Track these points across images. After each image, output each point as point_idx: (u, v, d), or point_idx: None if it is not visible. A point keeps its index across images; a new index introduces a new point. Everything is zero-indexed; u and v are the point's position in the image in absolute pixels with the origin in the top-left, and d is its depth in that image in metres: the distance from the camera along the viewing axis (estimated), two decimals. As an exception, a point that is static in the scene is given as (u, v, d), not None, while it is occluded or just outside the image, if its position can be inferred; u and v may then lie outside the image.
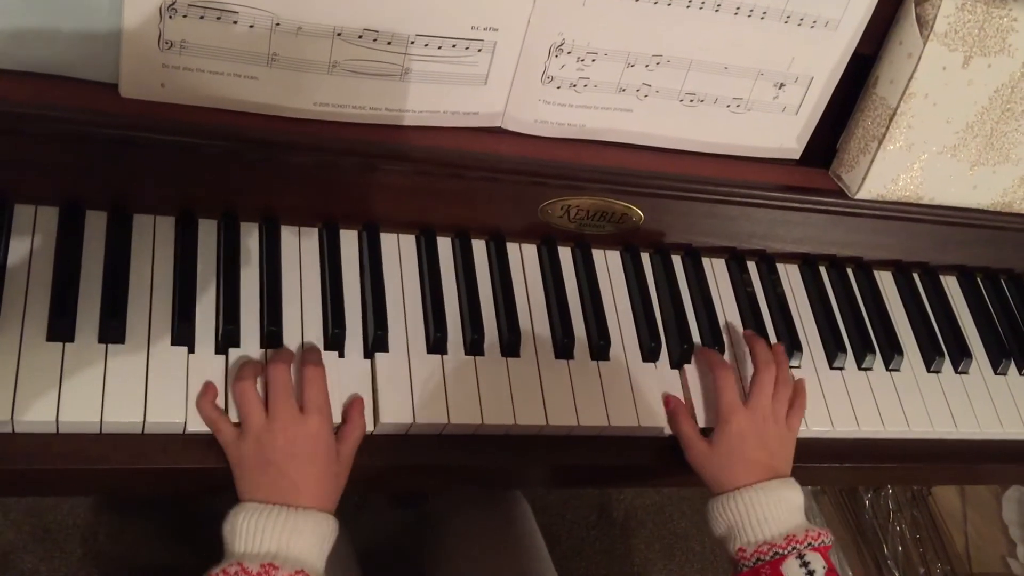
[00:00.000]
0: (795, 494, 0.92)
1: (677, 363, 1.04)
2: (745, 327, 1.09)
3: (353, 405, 0.88)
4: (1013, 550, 1.84)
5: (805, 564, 0.86)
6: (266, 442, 0.81)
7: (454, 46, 0.88)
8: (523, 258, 1.05)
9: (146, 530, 1.59)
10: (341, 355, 0.91)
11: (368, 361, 0.92)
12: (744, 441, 0.94)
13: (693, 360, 1.04)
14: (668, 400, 1.00)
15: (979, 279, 1.27)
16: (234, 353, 0.87)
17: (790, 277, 1.16)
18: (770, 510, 0.89)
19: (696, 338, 1.06)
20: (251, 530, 0.77)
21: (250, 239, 0.94)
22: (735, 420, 0.94)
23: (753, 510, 0.89)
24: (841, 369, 1.11)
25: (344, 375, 0.90)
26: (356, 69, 0.87)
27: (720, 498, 0.92)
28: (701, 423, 0.99)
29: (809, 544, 0.87)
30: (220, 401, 0.85)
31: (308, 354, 0.88)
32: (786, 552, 0.86)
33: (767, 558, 0.87)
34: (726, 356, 1.06)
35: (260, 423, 0.82)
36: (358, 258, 0.97)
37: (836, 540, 1.98)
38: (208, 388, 0.84)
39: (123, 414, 0.81)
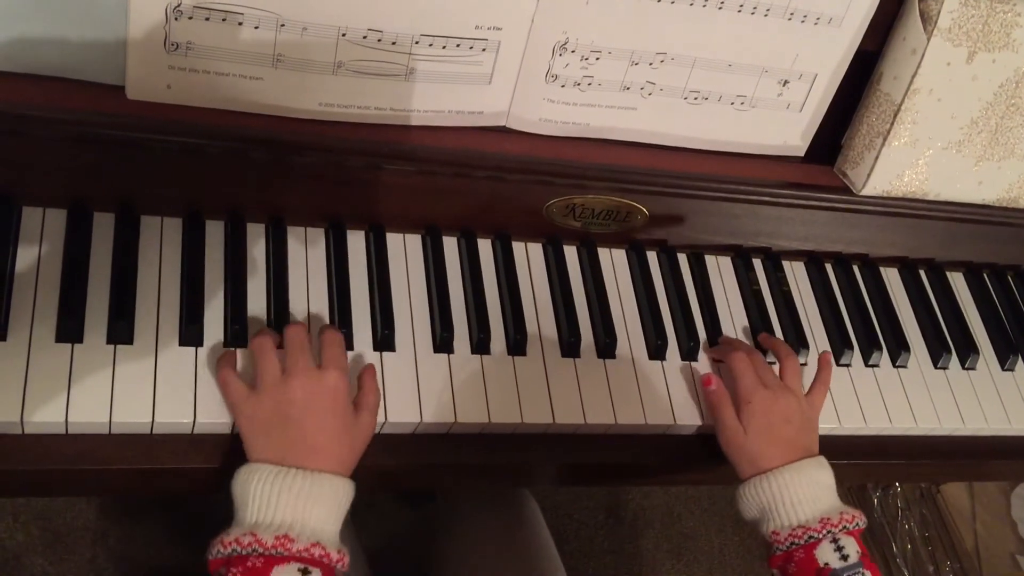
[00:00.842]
0: (827, 474, 0.91)
1: (684, 360, 1.04)
2: (751, 325, 1.09)
3: (365, 372, 0.88)
4: (1023, 548, 1.84)
5: (839, 548, 0.86)
6: (282, 395, 0.79)
7: (458, 46, 0.88)
8: (529, 257, 1.05)
9: (155, 532, 1.60)
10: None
11: (375, 360, 0.92)
12: (771, 417, 0.93)
13: (700, 358, 1.04)
14: (709, 380, 0.99)
15: (985, 275, 1.27)
16: (241, 353, 0.87)
17: (796, 275, 1.16)
18: (803, 491, 0.89)
19: (702, 336, 1.06)
20: (265, 496, 0.74)
21: (256, 240, 0.94)
22: (760, 398, 0.94)
23: (787, 491, 0.89)
24: (848, 366, 1.11)
25: (351, 374, 0.90)
26: (361, 69, 0.87)
27: (752, 480, 0.91)
28: (699, 420, 1.00)
29: (844, 527, 0.87)
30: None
31: (326, 332, 0.88)
32: (821, 536, 0.86)
33: (801, 542, 0.87)
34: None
35: (277, 376, 0.81)
36: (365, 258, 0.98)
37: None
38: (228, 355, 0.85)
39: (132, 415, 0.81)
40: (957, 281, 1.25)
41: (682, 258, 1.11)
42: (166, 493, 1.07)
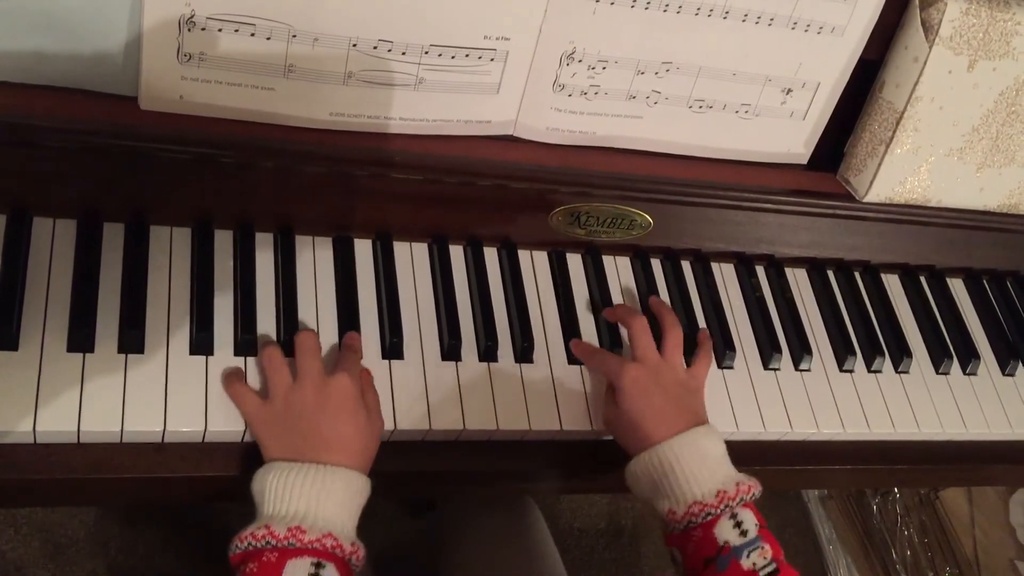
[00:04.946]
0: (718, 442, 0.88)
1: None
2: (755, 331, 1.10)
3: (361, 376, 0.88)
4: (1021, 553, 1.85)
5: (738, 524, 0.82)
6: (295, 399, 0.82)
7: (467, 55, 0.89)
8: (534, 265, 1.05)
9: (156, 543, 1.59)
10: (357, 362, 0.92)
11: (384, 368, 0.92)
12: (644, 390, 0.90)
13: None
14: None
15: (985, 281, 1.28)
16: (252, 362, 0.88)
17: (798, 281, 1.17)
18: (695, 463, 0.85)
19: (707, 342, 1.06)
20: (280, 488, 0.76)
21: (265, 249, 0.95)
22: (626, 375, 0.91)
23: (678, 465, 0.85)
24: (851, 372, 1.11)
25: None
26: (371, 79, 0.88)
27: (641, 456, 0.87)
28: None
29: (741, 499, 0.83)
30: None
31: (347, 337, 0.91)
32: (719, 511, 0.82)
33: (699, 520, 0.83)
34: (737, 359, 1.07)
35: (288, 383, 0.83)
36: (372, 267, 0.98)
37: (843, 546, 1.98)
38: (236, 370, 0.86)
39: (143, 423, 0.82)
40: (957, 287, 1.26)
41: (686, 265, 1.12)
42: (177, 502, 1.06)
